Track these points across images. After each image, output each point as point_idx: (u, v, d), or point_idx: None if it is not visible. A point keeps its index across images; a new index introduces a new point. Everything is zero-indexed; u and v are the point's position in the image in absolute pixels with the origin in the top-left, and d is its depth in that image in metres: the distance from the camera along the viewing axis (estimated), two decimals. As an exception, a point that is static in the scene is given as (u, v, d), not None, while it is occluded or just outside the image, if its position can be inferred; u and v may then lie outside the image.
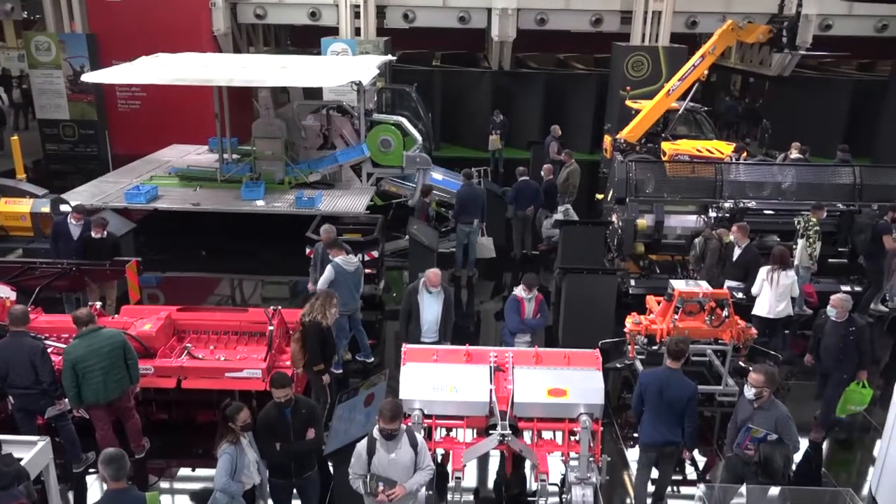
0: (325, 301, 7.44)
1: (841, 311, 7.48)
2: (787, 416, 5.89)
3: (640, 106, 16.27)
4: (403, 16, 19.65)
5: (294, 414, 5.77)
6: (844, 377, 7.58)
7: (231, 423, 5.49)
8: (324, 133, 14.88)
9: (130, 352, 6.96)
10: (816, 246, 10.58)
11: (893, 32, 19.84)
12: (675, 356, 6.26)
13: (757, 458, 5.90)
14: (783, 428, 5.81)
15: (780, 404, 5.98)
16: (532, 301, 8.06)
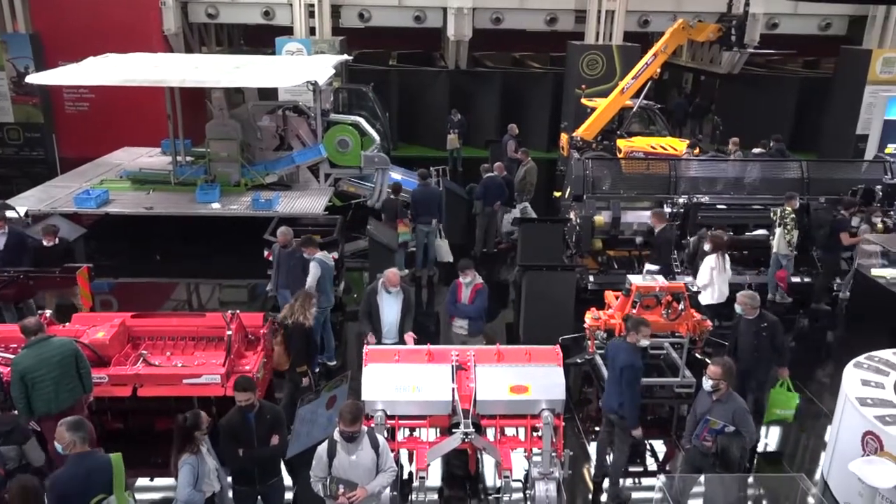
0: (304, 301, 7.45)
1: (749, 308, 7.36)
2: (744, 408, 6.04)
3: (596, 104, 16.48)
4: (359, 15, 19.54)
5: (258, 420, 5.67)
6: (762, 378, 7.40)
7: (197, 432, 5.38)
8: (280, 134, 14.71)
9: (83, 360, 6.77)
10: (794, 234, 10.90)
11: (836, 31, 20.49)
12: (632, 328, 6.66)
13: (715, 449, 6.04)
14: (740, 420, 5.95)
15: (738, 397, 6.12)
16: (469, 287, 8.15)
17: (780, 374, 7.48)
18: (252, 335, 8.37)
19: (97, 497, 4.98)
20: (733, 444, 5.99)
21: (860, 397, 6.73)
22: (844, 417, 6.92)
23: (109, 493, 5.05)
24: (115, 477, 5.07)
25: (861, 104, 18.89)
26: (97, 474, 5.04)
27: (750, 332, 7.34)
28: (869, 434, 6.44)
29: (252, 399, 5.64)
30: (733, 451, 5.99)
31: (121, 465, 5.17)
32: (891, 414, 6.47)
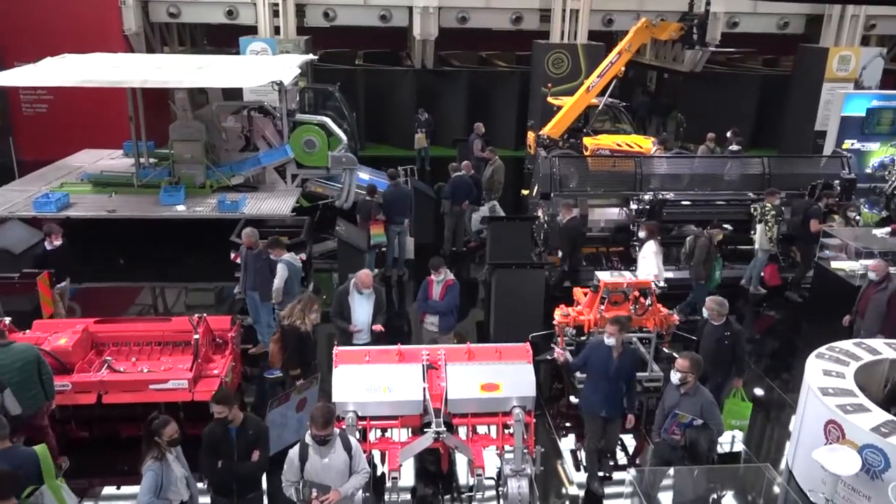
0: (305, 306, 7.41)
1: (716, 315, 7.31)
2: (711, 401, 6.16)
3: (562, 102, 16.60)
4: (324, 14, 19.40)
5: (240, 434, 5.54)
6: (718, 381, 7.35)
7: (157, 438, 5.27)
8: (245, 134, 14.51)
9: (45, 367, 6.63)
10: (774, 229, 11.11)
11: (794, 30, 20.96)
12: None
13: (683, 442, 6.13)
14: (708, 413, 6.06)
15: (706, 391, 6.23)
16: (440, 284, 8.21)
17: (735, 384, 7.48)
18: (220, 339, 8.29)
19: (28, 488, 5.09)
20: (701, 436, 6.10)
21: (822, 387, 6.89)
22: (807, 407, 7.08)
23: (40, 483, 5.17)
24: (43, 467, 5.21)
25: (819, 101, 19.34)
26: (25, 467, 5.15)
27: (713, 338, 7.32)
28: (831, 423, 6.60)
29: (226, 413, 5.47)
30: (702, 443, 6.10)
31: (47, 455, 5.30)
32: (851, 403, 6.64)
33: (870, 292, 8.56)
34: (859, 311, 8.71)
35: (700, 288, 10.29)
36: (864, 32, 19.91)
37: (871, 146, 17.16)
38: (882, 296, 8.39)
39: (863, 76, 19.39)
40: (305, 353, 7.46)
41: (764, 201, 11.23)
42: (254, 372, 9.17)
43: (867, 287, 8.68)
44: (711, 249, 10.20)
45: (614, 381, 6.77)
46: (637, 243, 10.54)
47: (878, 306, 8.41)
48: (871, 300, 8.49)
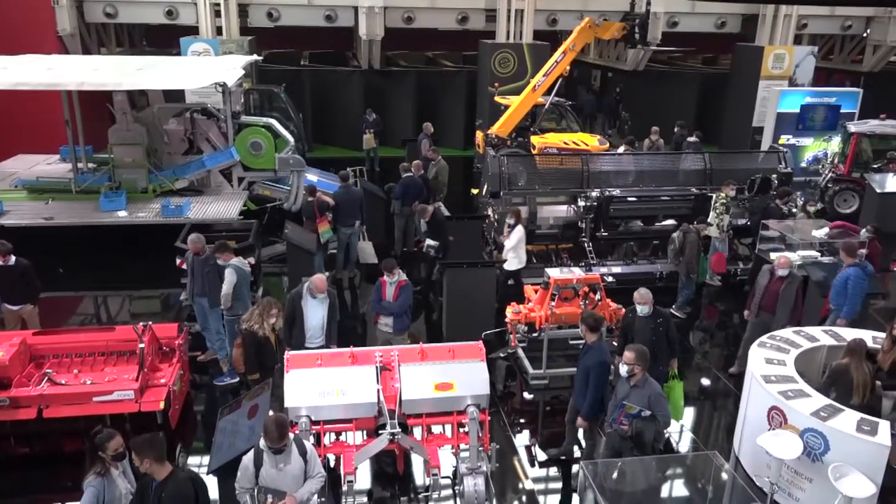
0: (263, 310, 7.31)
1: (650, 306, 7.44)
2: (659, 393, 6.30)
3: (509, 101, 16.74)
4: (267, 14, 19.11)
5: (156, 494, 4.86)
6: (661, 369, 7.38)
7: (101, 453, 5.08)
8: (189, 137, 14.20)
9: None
10: (724, 217, 11.37)
11: (731, 29, 21.59)
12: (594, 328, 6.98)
13: (631, 432, 6.26)
14: (655, 404, 6.20)
15: (654, 382, 6.37)
16: (393, 285, 8.22)
17: (671, 366, 7.62)
18: (167, 347, 8.09)
19: None
20: (648, 427, 6.24)
21: (765, 375, 7.12)
22: (751, 395, 7.30)
23: None
24: None
25: (756, 98, 19.98)
26: None
27: (647, 329, 7.41)
28: (774, 409, 6.83)
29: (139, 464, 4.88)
30: (647, 434, 6.25)
31: None
32: (793, 389, 6.87)
33: (776, 287, 8.71)
34: (765, 307, 8.83)
35: (689, 282, 10.55)
36: (796, 31, 20.65)
37: (805, 141, 17.85)
38: (791, 289, 8.65)
39: (796, 74, 20.13)
40: (265, 357, 7.34)
41: (720, 191, 11.56)
42: (203, 380, 8.98)
43: (772, 282, 8.79)
44: (700, 244, 10.42)
45: (579, 377, 6.99)
46: (508, 230, 10.52)
47: (788, 299, 8.64)
48: (781, 294, 8.67)
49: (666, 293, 11.63)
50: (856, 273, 8.78)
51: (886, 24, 20.94)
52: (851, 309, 8.84)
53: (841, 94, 18.29)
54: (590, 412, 6.88)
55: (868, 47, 22.16)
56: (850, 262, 8.96)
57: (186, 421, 8.10)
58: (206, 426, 7.91)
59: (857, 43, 22.79)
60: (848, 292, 8.79)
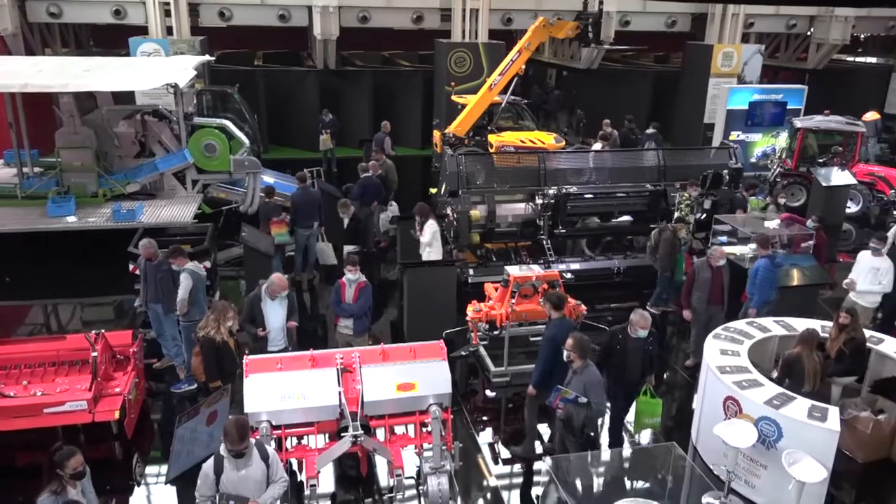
0: (219, 315, 7.16)
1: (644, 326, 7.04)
2: (596, 380, 6.43)
3: (466, 101, 16.79)
4: (219, 14, 18.80)
5: None
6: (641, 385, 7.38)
7: (59, 470, 4.90)
8: (140, 140, 13.87)
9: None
10: (689, 217, 11.62)
11: (681, 28, 22.05)
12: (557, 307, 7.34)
13: (563, 416, 6.45)
14: (590, 390, 6.35)
15: (594, 370, 6.51)
16: (353, 286, 8.17)
17: (649, 381, 7.45)
18: (121, 355, 7.90)
19: None
20: (578, 413, 6.41)
21: (720, 366, 7.29)
22: (707, 386, 7.47)
23: None
24: None
25: (706, 95, 20.42)
26: None
27: (640, 349, 7.15)
28: (729, 399, 6.99)
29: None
30: (576, 420, 6.44)
31: None
32: (747, 379, 7.05)
33: (719, 279, 8.87)
34: (713, 300, 8.95)
35: (664, 279, 10.71)
36: (743, 30, 21.17)
37: (754, 137, 18.32)
38: (726, 278, 8.90)
39: (744, 71, 20.64)
40: (225, 363, 7.21)
41: (685, 191, 11.82)
42: (160, 387, 8.80)
43: (715, 275, 8.87)
44: (675, 243, 10.53)
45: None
46: (418, 225, 10.56)
47: (728, 289, 8.91)
48: (724, 286, 8.88)
49: (623, 288, 11.87)
50: (765, 264, 9.07)
51: (829, 23, 21.63)
52: (760, 299, 9.11)
53: (787, 91, 18.83)
54: (536, 382, 7.22)
55: (812, 45, 22.87)
56: (762, 254, 9.24)
57: (143, 430, 7.92)
58: (164, 434, 7.76)
59: (802, 41, 23.50)
60: (757, 282, 9.08)
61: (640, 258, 12.23)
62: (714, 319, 8.93)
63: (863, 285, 9.31)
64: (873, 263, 9.24)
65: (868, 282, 9.28)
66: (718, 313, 8.99)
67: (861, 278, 9.36)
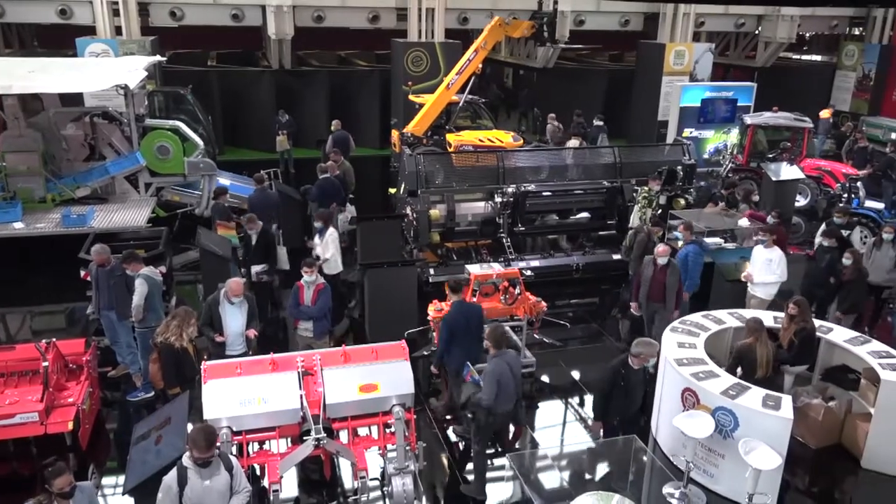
0: (181, 321, 7.04)
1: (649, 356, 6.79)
2: (491, 371, 6.57)
3: (423, 100, 16.78)
4: (170, 13, 18.42)
5: None
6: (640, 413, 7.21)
7: (47, 486, 4.80)
8: (90, 143, 13.51)
9: None
10: (647, 210, 11.74)
11: (634, 27, 22.41)
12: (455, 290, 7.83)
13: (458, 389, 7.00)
14: (483, 378, 6.64)
15: (500, 363, 6.59)
16: (311, 288, 8.10)
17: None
18: (73, 364, 7.69)
19: None
20: (466, 389, 6.94)
21: (677, 358, 7.43)
22: (666, 378, 7.60)
23: None
24: None
25: (660, 93, 20.80)
26: None
27: (643, 380, 6.92)
28: (687, 391, 7.13)
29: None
30: (459, 394, 7.13)
31: None
32: (703, 370, 7.20)
33: (661, 276, 8.92)
34: (653, 297, 9.04)
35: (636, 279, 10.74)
36: (694, 29, 21.62)
37: (707, 134, 18.73)
38: (675, 277, 8.92)
39: (696, 69, 21.08)
40: (185, 369, 7.09)
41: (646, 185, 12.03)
42: (116, 396, 8.59)
43: (656, 272, 8.92)
44: (649, 245, 10.30)
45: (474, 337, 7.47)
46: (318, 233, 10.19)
47: (673, 287, 8.91)
48: (667, 283, 8.90)
49: (583, 284, 12.01)
50: (694, 250, 9.35)
51: (776, 22, 22.24)
52: (692, 283, 9.45)
53: (737, 88, 19.30)
54: (435, 362, 7.92)
55: (760, 44, 23.49)
56: (688, 240, 9.51)
57: (99, 440, 7.73)
58: (121, 444, 7.58)
59: (750, 40, 24.12)
60: (688, 267, 9.34)
61: (599, 254, 12.40)
62: (658, 316, 9.04)
63: (759, 277, 9.48)
64: (766, 255, 9.43)
65: (763, 273, 9.46)
66: (661, 310, 9.03)
67: (756, 271, 9.52)
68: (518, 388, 6.81)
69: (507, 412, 6.76)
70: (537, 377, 9.19)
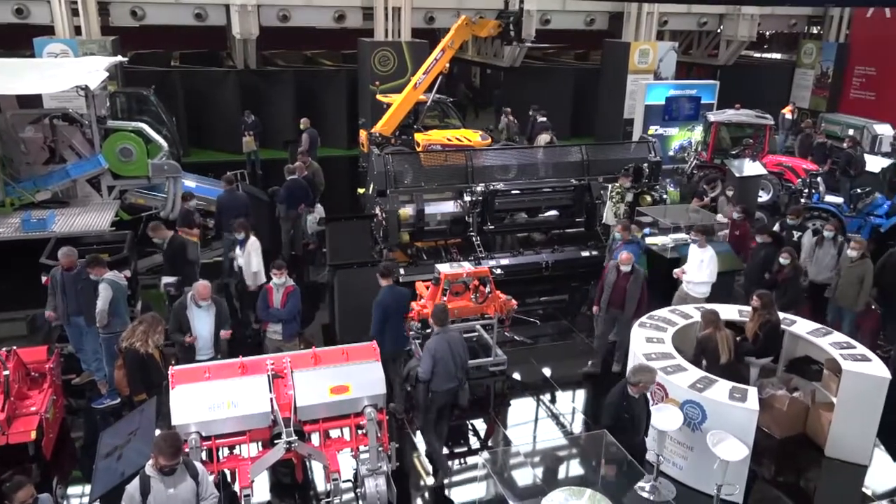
0: (149, 328, 6.93)
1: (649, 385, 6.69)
2: (429, 345, 6.88)
3: (391, 100, 16.74)
4: (131, 13, 18.08)
5: None
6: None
7: (7, 501, 4.69)
8: (49, 145, 13.20)
9: None
10: (620, 206, 11.82)
11: (599, 26, 22.63)
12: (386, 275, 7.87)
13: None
14: (423, 351, 6.95)
15: (438, 338, 6.86)
16: (280, 291, 8.04)
17: None
18: (36, 372, 7.51)
19: None
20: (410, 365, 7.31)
21: (646, 353, 7.52)
22: (635, 373, 7.68)
23: None
24: None
25: (625, 91, 21.03)
26: None
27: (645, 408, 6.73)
28: (656, 385, 7.22)
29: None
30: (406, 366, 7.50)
31: None
32: (671, 364, 7.30)
33: (623, 283, 8.84)
34: (614, 303, 8.88)
35: None
36: (658, 28, 21.91)
37: (671, 131, 19.00)
38: (636, 284, 8.81)
39: (660, 68, 21.36)
40: (151, 375, 6.98)
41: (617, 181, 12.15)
42: (81, 404, 8.41)
43: (619, 278, 8.82)
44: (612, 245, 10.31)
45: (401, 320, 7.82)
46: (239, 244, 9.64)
47: (634, 294, 8.79)
48: (628, 290, 8.81)
49: (552, 281, 12.09)
50: (633, 249, 9.36)
51: (737, 21, 22.64)
52: None
53: (701, 86, 19.61)
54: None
55: (722, 42, 23.89)
56: (626, 239, 9.59)
57: (63, 450, 7.56)
58: (86, 453, 7.41)
59: (713, 38, 24.52)
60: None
61: (568, 252, 12.49)
62: (618, 322, 8.97)
63: (691, 276, 9.55)
64: (699, 256, 9.52)
65: (695, 272, 9.53)
66: (620, 316, 8.93)
67: (690, 270, 9.59)
68: (461, 368, 6.98)
69: (447, 390, 6.92)
70: (509, 375, 9.22)
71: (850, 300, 9.42)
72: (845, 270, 9.46)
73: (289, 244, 12.59)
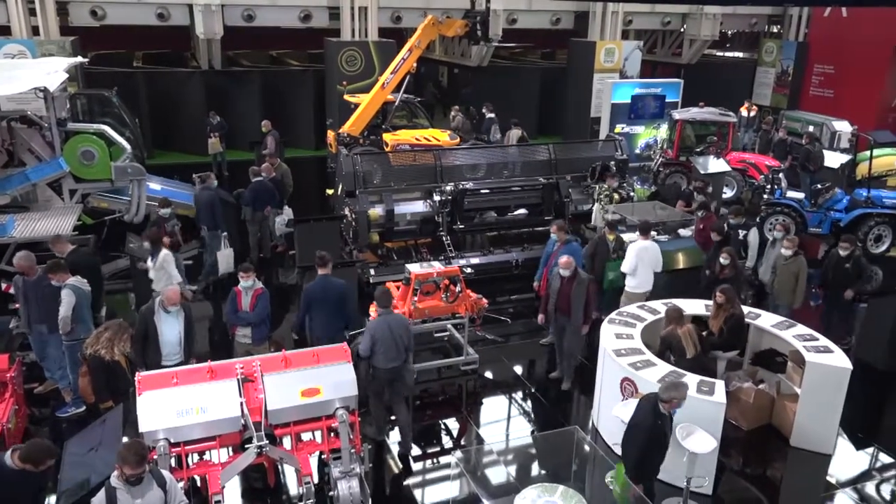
0: (114, 335, 6.84)
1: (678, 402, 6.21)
2: (369, 325, 7.33)
3: (359, 100, 16.66)
4: (91, 12, 17.72)
5: None
6: None
7: None
8: (7, 149, 12.87)
9: None
10: (609, 207, 11.89)
11: (565, 25, 22.79)
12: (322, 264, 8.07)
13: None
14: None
15: (379, 320, 7.22)
16: (249, 293, 7.97)
17: None
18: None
19: None
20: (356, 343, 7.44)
21: (616, 349, 7.60)
22: (605, 369, 7.78)
23: None
24: None
25: (592, 90, 21.21)
26: None
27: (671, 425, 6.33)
28: (626, 380, 7.31)
29: None
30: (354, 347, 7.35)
31: None
32: (640, 360, 7.39)
33: (567, 289, 8.51)
34: (561, 309, 8.61)
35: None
36: (623, 27, 22.14)
37: (637, 129, 19.24)
38: (581, 289, 8.55)
39: (626, 67, 21.60)
40: (117, 382, 6.88)
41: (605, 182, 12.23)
42: (44, 413, 8.22)
43: (563, 284, 8.54)
44: (599, 247, 10.13)
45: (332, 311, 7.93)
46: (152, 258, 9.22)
47: (579, 299, 8.54)
48: (571, 296, 8.49)
49: (522, 280, 12.13)
50: (574, 248, 9.46)
51: (699, 20, 22.98)
52: None
53: (665, 84, 19.89)
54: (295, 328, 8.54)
55: (685, 41, 24.25)
56: (564, 239, 9.54)
57: (26, 460, 7.37)
58: (51, 463, 7.25)
59: (676, 37, 24.87)
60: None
61: (537, 250, 12.54)
62: (566, 330, 8.72)
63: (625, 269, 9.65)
64: (631, 251, 9.55)
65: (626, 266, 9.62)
66: (566, 323, 8.68)
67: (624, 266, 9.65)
68: (403, 349, 7.24)
69: (390, 369, 7.19)
70: (480, 374, 9.25)
71: (786, 297, 9.53)
72: (780, 268, 9.57)
73: (256, 247, 12.47)
